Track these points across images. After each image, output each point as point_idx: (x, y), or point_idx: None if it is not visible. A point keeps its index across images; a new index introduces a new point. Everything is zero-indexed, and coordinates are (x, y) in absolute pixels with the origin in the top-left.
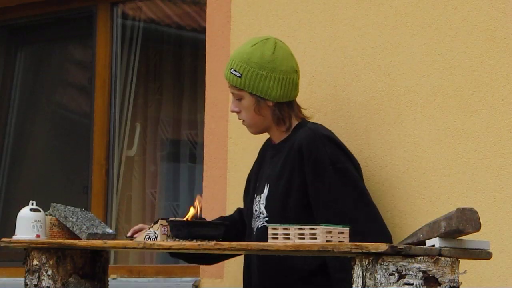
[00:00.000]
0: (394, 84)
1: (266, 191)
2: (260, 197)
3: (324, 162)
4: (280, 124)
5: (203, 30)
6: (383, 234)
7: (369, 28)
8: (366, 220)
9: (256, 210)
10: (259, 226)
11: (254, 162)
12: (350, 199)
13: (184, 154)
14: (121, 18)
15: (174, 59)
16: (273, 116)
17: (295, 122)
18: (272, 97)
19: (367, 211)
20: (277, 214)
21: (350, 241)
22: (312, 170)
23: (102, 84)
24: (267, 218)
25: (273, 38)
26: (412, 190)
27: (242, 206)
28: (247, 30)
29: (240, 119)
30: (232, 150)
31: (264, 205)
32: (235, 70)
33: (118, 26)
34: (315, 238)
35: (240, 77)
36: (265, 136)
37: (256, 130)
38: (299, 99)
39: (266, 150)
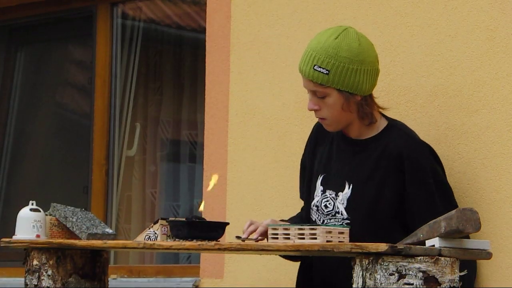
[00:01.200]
0: (394, 84)
1: (348, 191)
2: (338, 196)
3: (426, 174)
4: (365, 118)
5: (203, 30)
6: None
7: (369, 28)
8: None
9: (327, 207)
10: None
11: (307, 148)
12: (445, 212)
13: (184, 154)
14: (121, 18)
15: (174, 59)
16: (360, 111)
17: (378, 116)
18: (362, 91)
19: None
20: (363, 220)
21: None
22: (413, 180)
23: (102, 84)
24: (348, 221)
25: (350, 27)
26: None
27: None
28: (247, 30)
29: (318, 117)
30: (232, 150)
31: (344, 206)
32: (320, 67)
33: (118, 26)
34: (315, 238)
35: (327, 74)
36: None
37: (338, 127)
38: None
39: (333, 139)
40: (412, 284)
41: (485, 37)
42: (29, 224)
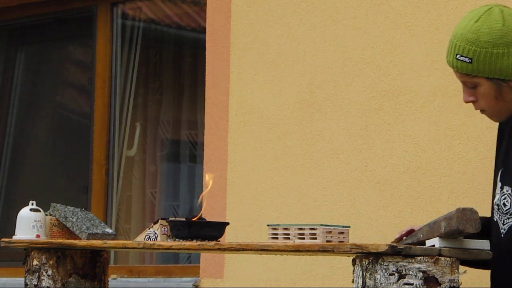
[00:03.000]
0: (394, 84)
1: (499, 177)
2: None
3: None
4: None
5: (203, 30)
6: None
7: (369, 28)
8: None
9: (505, 205)
10: None
11: (496, 145)
12: None
13: (184, 154)
14: (121, 18)
15: (174, 59)
16: None
17: None
18: None
19: None
20: None
21: None
22: None
23: (102, 84)
24: (504, 230)
25: (496, 5)
26: (412, 190)
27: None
28: (247, 30)
29: (477, 109)
30: (232, 150)
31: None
32: (462, 56)
33: (118, 26)
34: (315, 238)
35: (470, 62)
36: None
37: (502, 117)
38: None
39: (503, 131)
40: (412, 284)
41: None
42: (29, 224)
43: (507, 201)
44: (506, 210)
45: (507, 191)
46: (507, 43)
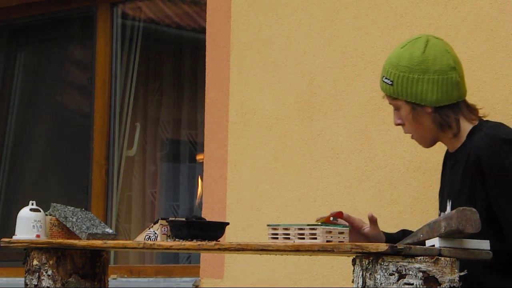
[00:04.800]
0: None
1: (449, 209)
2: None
3: (508, 174)
4: (446, 130)
5: (203, 30)
6: None
7: (369, 28)
8: None
9: None
10: None
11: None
12: None
13: (184, 154)
14: (121, 18)
15: (174, 59)
16: (434, 123)
17: (467, 126)
18: (429, 102)
19: None
20: None
21: None
22: (495, 184)
23: (102, 84)
24: None
25: (427, 35)
26: (412, 190)
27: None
28: (247, 30)
29: (406, 133)
30: (232, 150)
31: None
32: (386, 78)
33: (118, 26)
34: (315, 238)
35: (391, 84)
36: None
37: (426, 142)
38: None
39: (446, 159)
40: (412, 284)
41: (485, 37)
42: (29, 224)
43: None
44: None
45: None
46: (423, 70)
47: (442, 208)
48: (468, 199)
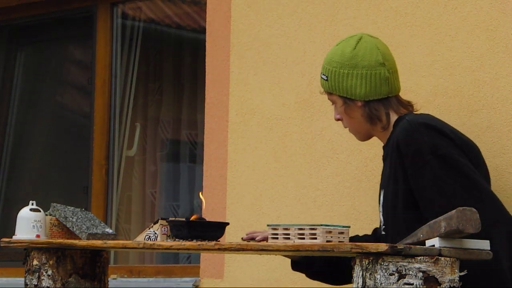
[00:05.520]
0: None
1: (382, 198)
2: (380, 206)
3: (422, 152)
4: (376, 123)
5: (203, 30)
6: (501, 221)
7: (369, 28)
8: (479, 208)
9: (380, 221)
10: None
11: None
12: (458, 188)
13: (184, 154)
14: (121, 18)
15: (174, 59)
16: (364, 116)
17: (395, 118)
18: (358, 95)
19: (480, 198)
20: (390, 221)
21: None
22: (412, 164)
23: (102, 84)
24: (384, 226)
25: (362, 34)
26: None
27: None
28: (247, 30)
29: (346, 128)
30: (232, 150)
31: (382, 213)
32: (323, 74)
33: (118, 26)
34: (315, 238)
35: (326, 80)
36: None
37: (359, 135)
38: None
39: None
40: (412, 284)
41: (485, 37)
42: (29, 224)
43: (380, 216)
44: (381, 225)
45: (380, 210)
46: (353, 65)
47: (379, 201)
48: (393, 184)
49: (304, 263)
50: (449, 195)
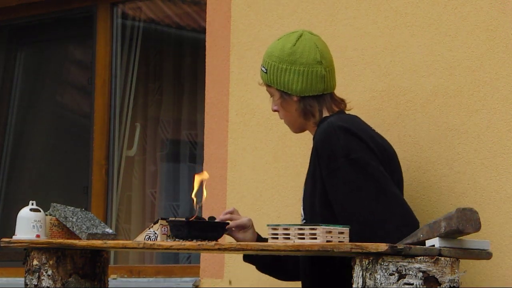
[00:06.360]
0: (394, 84)
1: (303, 194)
2: (301, 201)
3: (336, 155)
4: (309, 118)
5: (203, 30)
6: (406, 225)
7: (369, 28)
8: (386, 211)
9: (301, 215)
10: None
11: None
12: (366, 192)
13: (184, 154)
14: (121, 18)
15: (174, 59)
16: (299, 111)
17: (326, 115)
18: (294, 91)
19: (387, 202)
20: (309, 215)
21: (371, 236)
22: (326, 166)
23: (102, 84)
24: (304, 220)
25: (303, 30)
26: (412, 190)
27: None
28: (247, 30)
29: (281, 119)
30: (232, 150)
31: (302, 207)
32: (263, 66)
33: (118, 26)
34: (315, 238)
35: (266, 72)
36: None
37: (293, 128)
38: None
39: None
40: (412, 284)
41: (485, 37)
42: (29, 224)
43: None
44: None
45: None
46: (291, 61)
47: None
48: (312, 182)
49: (255, 255)
50: (357, 198)
